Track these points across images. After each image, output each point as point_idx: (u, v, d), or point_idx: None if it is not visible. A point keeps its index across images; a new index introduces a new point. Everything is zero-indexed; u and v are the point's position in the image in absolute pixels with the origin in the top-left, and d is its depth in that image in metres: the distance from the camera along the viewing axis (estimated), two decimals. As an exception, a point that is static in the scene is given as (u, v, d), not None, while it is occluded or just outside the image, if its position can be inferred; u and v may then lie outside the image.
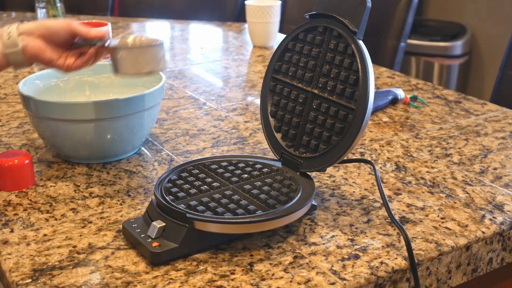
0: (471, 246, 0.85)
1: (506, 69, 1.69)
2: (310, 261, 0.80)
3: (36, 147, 1.15)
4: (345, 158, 0.88)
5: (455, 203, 0.95)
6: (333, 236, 0.85)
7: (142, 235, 0.81)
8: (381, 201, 0.94)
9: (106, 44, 0.94)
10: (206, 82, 1.59)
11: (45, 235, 0.86)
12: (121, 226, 0.87)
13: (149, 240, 0.80)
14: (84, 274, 0.77)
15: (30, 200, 0.96)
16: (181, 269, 0.78)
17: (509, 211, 0.93)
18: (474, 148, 1.16)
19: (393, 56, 1.99)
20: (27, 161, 0.99)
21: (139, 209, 0.93)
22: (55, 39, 0.92)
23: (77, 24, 0.94)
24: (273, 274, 0.77)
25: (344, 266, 0.79)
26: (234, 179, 0.91)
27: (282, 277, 0.76)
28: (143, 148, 1.14)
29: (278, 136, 0.96)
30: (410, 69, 3.17)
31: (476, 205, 0.94)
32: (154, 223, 0.81)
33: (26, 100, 1.03)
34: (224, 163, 0.95)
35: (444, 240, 0.85)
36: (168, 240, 0.79)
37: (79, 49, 0.95)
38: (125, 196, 0.97)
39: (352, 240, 0.84)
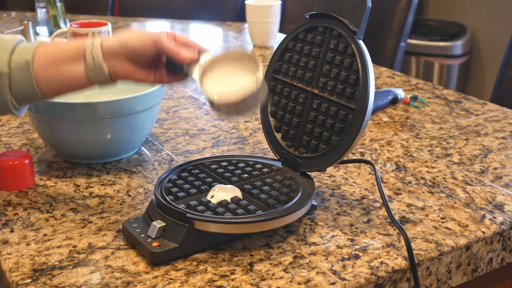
0: (471, 246, 0.85)
1: (506, 69, 1.69)
2: (310, 261, 0.80)
3: (36, 147, 1.15)
4: (345, 158, 0.88)
5: (455, 203, 0.95)
6: (333, 236, 0.85)
7: (142, 235, 0.81)
8: (381, 201, 0.94)
9: (194, 76, 0.83)
10: (206, 82, 1.59)
11: (45, 235, 0.86)
12: (121, 226, 0.87)
13: (149, 240, 0.80)
14: (84, 274, 0.77)
15: (30, 200, 0.96)
16: (181, 269, 0.78)
17: (509, 211, 0.93)
18: (474, 148, 1.16)
19: (393, 56, 1.99)
20: (27, 161, 0.99)
21: (139, 209, 0.93)
22: (141, 60, 0.85)
23: (165, 42, 0.84)
24: (273, 274, 0.77)
25: (344, 266, 0.78)
26: (234, 179, 0.91)
27: (282, 277, 0.76)
28: (143, 148, 1.14)
29: (278, 136, 0.96)
30: (410, 69, 3.17)
31: (476, 205, 0.94)
32: (154, 223, 0.81)
33: (26, 100, 1.03)
34: (224, 163, 0.95)
35: (444, 240, 0.85)
36: (168, 240, 0.79)
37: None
38: (125, 196, 0.97)
39: (352, 240, 0.84)
